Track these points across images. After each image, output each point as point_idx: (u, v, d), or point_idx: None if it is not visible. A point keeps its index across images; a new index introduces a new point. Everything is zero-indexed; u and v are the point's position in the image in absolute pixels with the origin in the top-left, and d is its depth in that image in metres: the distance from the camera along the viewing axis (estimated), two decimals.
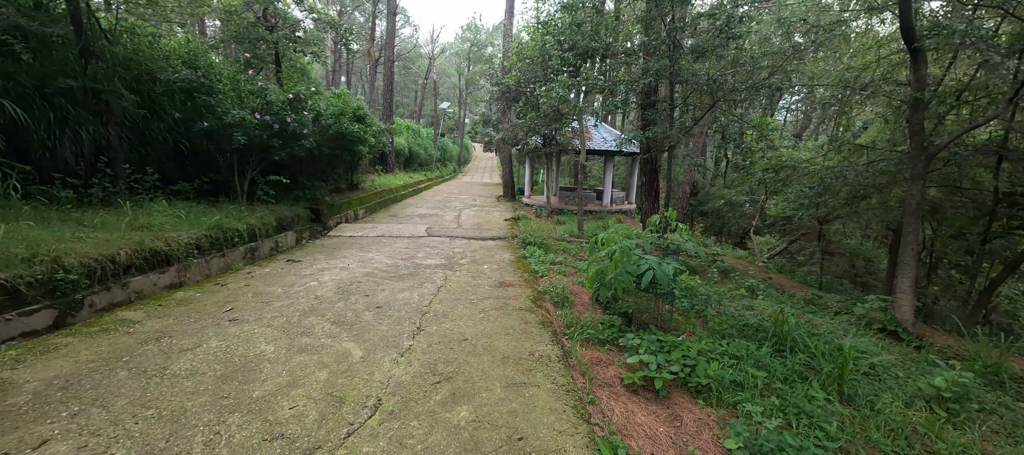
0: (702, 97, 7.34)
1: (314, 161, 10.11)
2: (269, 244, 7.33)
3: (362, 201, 12.25)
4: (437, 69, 56.93)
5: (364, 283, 5.30)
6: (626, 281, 3.53)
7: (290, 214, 8.24)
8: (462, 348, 3.50)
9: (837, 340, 4.14)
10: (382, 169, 19.11)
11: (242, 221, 6.84)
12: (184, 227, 5.75)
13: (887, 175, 7.36)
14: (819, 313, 6.23)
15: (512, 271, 6.40)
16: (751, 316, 5.03)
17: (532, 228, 10.28)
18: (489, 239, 9.11)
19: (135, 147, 7.08)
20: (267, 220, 7.38)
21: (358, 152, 10.24)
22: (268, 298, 4.55)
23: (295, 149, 8.18)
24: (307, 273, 5.73)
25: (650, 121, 8.83)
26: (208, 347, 3.26)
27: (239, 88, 7.71)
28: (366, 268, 6.11)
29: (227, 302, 4.38)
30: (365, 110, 11.12)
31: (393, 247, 7.78)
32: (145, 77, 7.12)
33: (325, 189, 10.19)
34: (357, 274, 5.75)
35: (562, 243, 8.88)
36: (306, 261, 6.55)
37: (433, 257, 7.09)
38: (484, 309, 4.52)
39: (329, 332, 3.67)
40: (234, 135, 7.07)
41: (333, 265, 6.27)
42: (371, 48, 26.23)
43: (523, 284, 5.67)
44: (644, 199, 9.92)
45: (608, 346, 3.87)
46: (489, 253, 7.64)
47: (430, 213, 12.52)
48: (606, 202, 16.45)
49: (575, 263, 7.42)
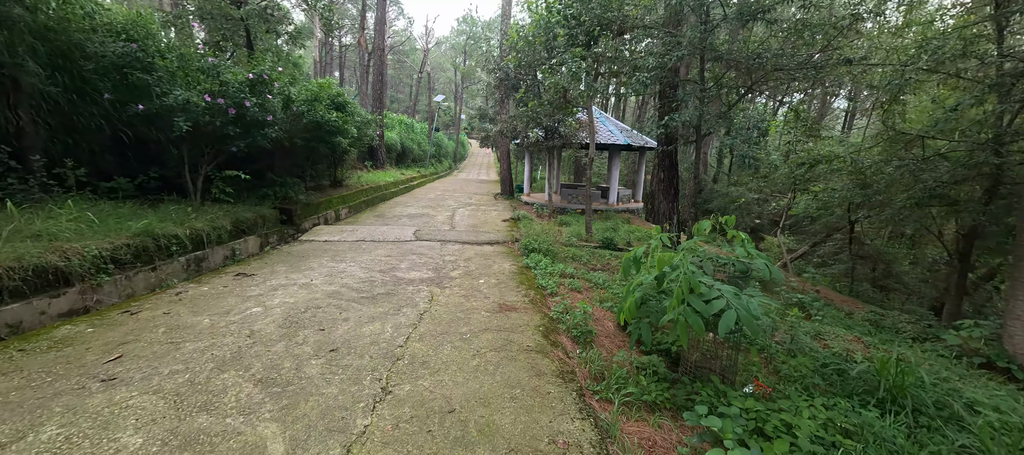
0: (741, 77, 6.18)
1: (286, 154, 8.85)
2: (222, 253, 6.10)
3: (345, 200, 11.00)
4: (433, 63, 55.55)
5: (324, 308, 4.08)
6: (696, 326, 2.33)
7: (252, 216, 7.00)
8: (446, 432, 2.29)
9: (988, 402, 2.94)
10: (371, 165, 17.83)
11: (184, 225, 5.60)
12: (98, 235, 4.51)
13: (968, 169, 6.18)
14: (893, 340, 5.06)
15: (514, 287, 5.19)
16: (827, 352, 3.85)
17: (534, 230, 9.08)
18: (486, 244, 7.90)
19: (59, 135, 5.83)
20: (219, 224, 6.13)
21: (337, 144, 8.98)
22: (183, 336, 3.32)
23: (257, 139, 6.93)
24: (254, 293, 4.50)
25: (672, 107, 7.62)
26: (34, 441, 2.04)
27: (187, 66, 6.44)
28: (332, 285, 4.88)
29: (121, 343, 3.15)
30: (345, 97, 9.85)
31: (373, 255, 6.55)
32: (72, 51, 5.86)
33: (300, 187, 8.93)
34: (318, 294, 4.52)
35: (571, 249, 7.67)
36: (261, 275, 5.31)
37: (418, 268, 5.87)
38: (479, 351, 3.31)
39: (245, 402, 2.45)
40: (176, 121, 5.81)
41: (292, 280, 5.04)
42: (362, 38, 24.85)
43: (529, 306, 4.47)
44: (661, 197, 8.73)
45: (660, 412, 2.68)
46: (486, 262, 6.44)
47: (421, 213, 11.28)
48: (612, 200, 15.25)
49: (588, 275, 6.22)
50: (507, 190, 17.35)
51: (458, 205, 13.32)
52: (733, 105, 6.31)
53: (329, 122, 8.56)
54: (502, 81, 12.45)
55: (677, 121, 5.62)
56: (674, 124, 5.61)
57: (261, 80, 7.07)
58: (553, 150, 13.28)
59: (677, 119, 5.68)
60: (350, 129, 9.24)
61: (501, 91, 13.13)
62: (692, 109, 5.72)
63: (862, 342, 4.38)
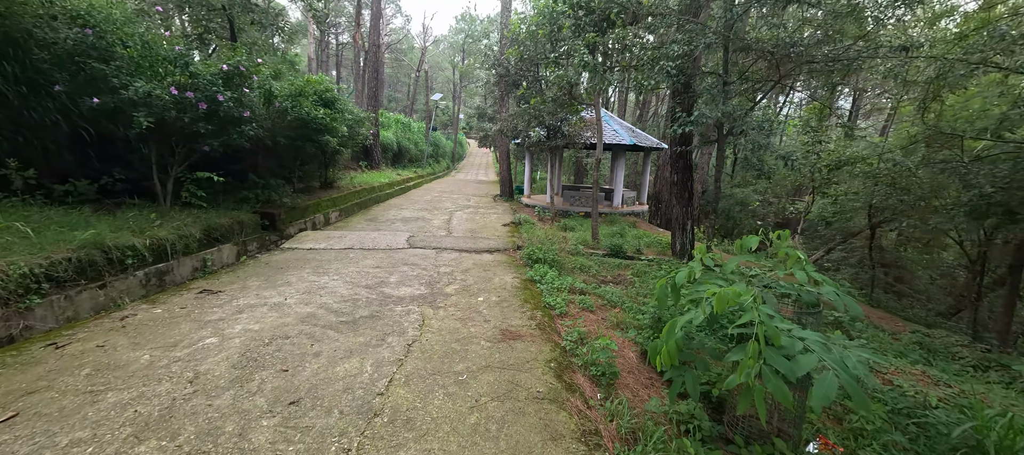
0: (770, 70, 5.55)
1: (270, 154, 8.18)
2: (190, 264, 5.44)
3: (335, 202, 10.34)
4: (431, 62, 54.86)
5: (294, 338, 3.42)
6: (780, 394, 1.69)
7: (227, 222, 6.34)
8: None
9: None
10: (366, 165, 17.15)
11: (144, 234, 4.95)
12: (32, 248, 3.85)
13: None
14: (951, 367, 4.43)
15: (519, 306, 4.54)
16: (895, 391, 3.21)
17: (537, 236, 8.43)
18: (485, 251, 7.25)
19: (5, 132, 5.19)
20: (187, 231, 5.48)
21: (325, 143, 8.32)
22: (109, 380, 2.67)
23: (233, 137, 6.28)
24: (214, 317, 3.84)
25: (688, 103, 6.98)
26: None
27: (153, 56, 5.77)
28: (308, 306, 4.22)
29: (27, 392, 2.49)
30: (334, 93, 9.18)
31: (360, 266, 5.90)
32: (25, 39, 5.21)
33: (286, 189, 8.27)
34: (290, 319, 3.86)
35: (578, 258, 7.02)
36: (229, 292, 4.66)
37: (410, 282, 5.22)
38: (479, 400, 2.66)
39: None
40: (136, 116, 5.15)
41: (263, 299, 4.38)
42: (357, 34, 24.15)
43: (537, 333, 3.82)
44: (675, 202, 8.09)
45: None
46: (485, 274, 5.79)
47: (416, 216, 10.62)
48: (616, 203, 14.61)
49: (599, 289, 5.57)
50: (507, 191, 16.70)
51: (456, 208, 12.67)
52: (758, 100, 5.68)
53: (316, 119, 7.89)
54: (502, 77, 11.79)
55: (707, 116, 4.94)
56: (705, 120, 4.94)
57: (238, 73, 6.40)
58: (555, 150, 12.64)
59: (706, 114, 5.00)
60: (339, 127, 8.57)
61: (501, 88, 12.49)
62: (715, 104, 5.05)
63: (928, 377, 3.75)
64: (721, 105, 4.94)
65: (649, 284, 6.26)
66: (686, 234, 8.01)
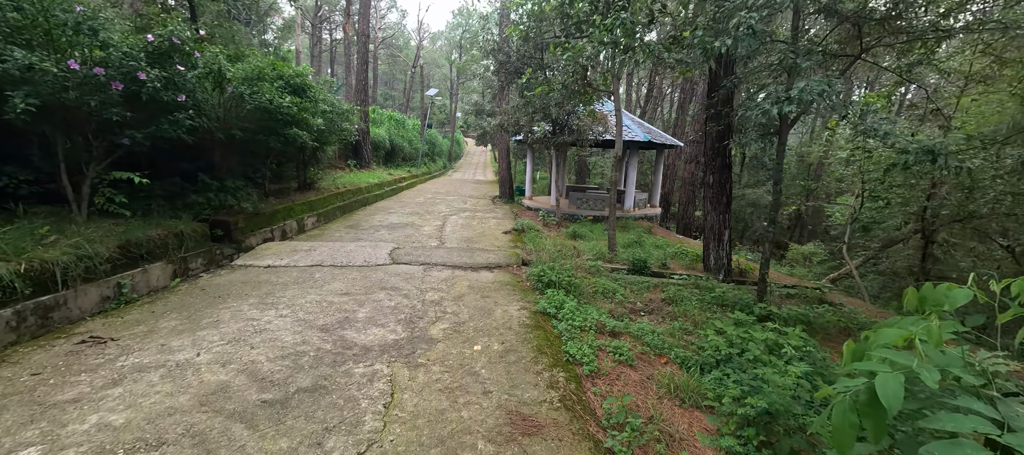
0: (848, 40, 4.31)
1: (228, 150, 6.81)
2: (97, 293, 4.12)
3: (313, 206, 9.02)
4: (427, 59, 53.44)
5: (171, 445, 2.11)
6: None
7: (158, 233, 5.01)
8: None
9: None
10: (355, 164, 15.80)
11: (20, 257, 3.63)
12: None
13: None
14: None
15: (531, 360, 3.23)
16: None
17: (545, 248, 7.12)
18: (483, 268, 5.94)
19: None
20: (92, 250, 4.15)
21: (293, 137, 6.96)
22: None
23: (163, 128, 4.95)
24: (66, 397, 2.51)
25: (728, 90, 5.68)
26: None
27: (49, 19, 4.41)
28: (224, 369, 2.89)
29: None
30: (307, 80, 7.84)
31: (323, 292, 4.58)
32: None
33: (248, 192, 6.90)
34: (185, 397, 2.54)
35: (599, 280, 5.68)
36: (124, 339, 3.33)
37: (384, 318, 3.90)
38: None
39: None
40: (12, 97, 3.82)
41: (166, 355, 3.05)
42: (347, 25, 22.75)
43: (562, 420, 2.50)
44: (710, 208, 6.81)
45: None
46: (484, 303, 4.47)
47: (404, 222, 9.30)
48: (628, 206, 13.31)
49: (634, 328, 4.25)
50: (506, 193, 15.37)
51: (451, 211, 11.34)
52: (840, 75, 4.39)
53: (281, 109, 6.53)
54: (502, 65, 10.47)
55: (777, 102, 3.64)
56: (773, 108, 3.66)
57: (172, 46, 5.07)
58: (560, 148, 11.33)
59: (775, 97, 3.70)
60: (311, 119, 7.21)
61: (501, 77, 11.16)
62: (772, 91, 3.75)
63: None
64: (797, 85, 3.65)
65: (690, 311, 4.97)
66: (723, 246, 6.72)
